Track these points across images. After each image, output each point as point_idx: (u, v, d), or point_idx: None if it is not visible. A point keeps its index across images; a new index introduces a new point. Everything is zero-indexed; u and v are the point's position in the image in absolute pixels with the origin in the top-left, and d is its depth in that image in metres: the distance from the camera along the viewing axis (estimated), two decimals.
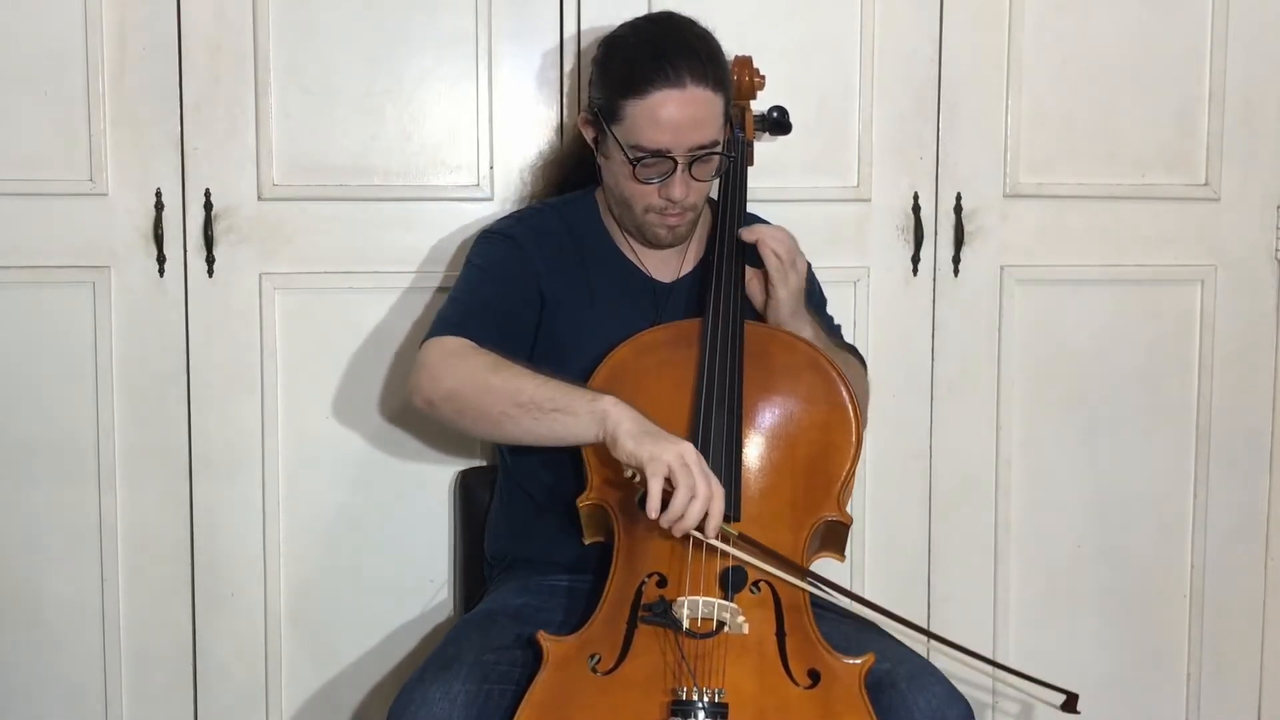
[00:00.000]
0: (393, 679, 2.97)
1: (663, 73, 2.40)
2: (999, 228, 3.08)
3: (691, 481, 2.14)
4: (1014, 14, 3.04)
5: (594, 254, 2.60)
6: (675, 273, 2.62)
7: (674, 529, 2.16)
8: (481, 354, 2.39)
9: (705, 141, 2.44)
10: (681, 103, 2.40)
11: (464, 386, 2.37)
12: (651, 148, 2.42)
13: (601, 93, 2.49)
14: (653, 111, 2.40)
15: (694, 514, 2.14)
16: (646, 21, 2.59)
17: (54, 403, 2.88)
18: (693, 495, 2.14)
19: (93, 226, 2.84)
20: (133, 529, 2.92)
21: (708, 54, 2.46)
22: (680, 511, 2.14)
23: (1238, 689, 3.29)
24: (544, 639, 2.19)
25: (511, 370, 2.34)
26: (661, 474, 2.14)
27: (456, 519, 2.94)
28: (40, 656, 2.92)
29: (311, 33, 2.87)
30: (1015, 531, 3.16)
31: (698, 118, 2.42)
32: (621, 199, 2.53)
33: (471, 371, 2.37)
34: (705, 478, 2.16)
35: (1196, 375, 3.19)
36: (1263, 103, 3.15)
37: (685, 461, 2.15)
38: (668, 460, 2.15)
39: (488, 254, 2.59)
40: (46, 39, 2.80)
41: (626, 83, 2.43)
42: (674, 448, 2.17)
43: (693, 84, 2.40)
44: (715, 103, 2.44)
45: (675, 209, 2.49)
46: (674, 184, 2.45)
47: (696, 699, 2.08)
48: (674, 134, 2.41)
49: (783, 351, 2.45)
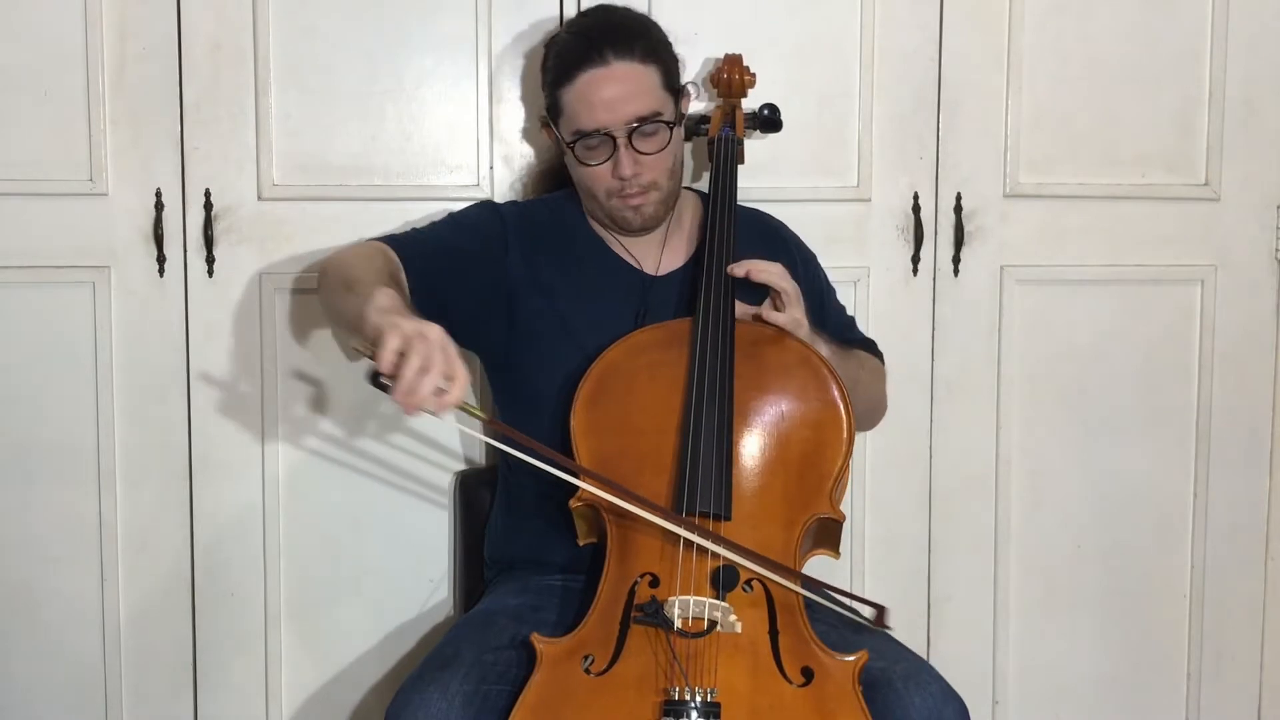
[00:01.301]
0: (392, 679, 2.97)
1: (586, 54, 2.47)
2: (999, 228, 3.07)
3: (426, 352, 2.05)
4: (1014, 14, 3.04)
5: (578, 245, 2.62)
6: (660, 265, 2.63)
7: (406, 404, 2.05)
8: (375, 251, 2.46)
9: (643, 113, 2.47)
10: (608, 79, 2.46)
11: (333, 264, 2.46)
12: (588, 128, 2.47)
13: (545, 93, 2.57)
14: (582, 93, 2.47)
15: (426, 385, 2.04)
16: (579, 15, 2.71)
17: (54, 403, 2.88)
18: (425, 368, 2.05)
19: (93, 226, 2.85)
20: (133, 529, 2.92)
21: (635, 28, 2.53)
22: (411, 378, 2.03)
23: (1238, 689, 3.28)
24: (537, 640, 2.20)
25: (370, 261, 2.40)
26: (395, 342, 2.05)
27: (456, 519, 2.95)
28: (40, 656, 2.93)
29: (311, 33, 2.87)
30: (1015, 531, 3.16)
31: (627, 91, 2.46)
32: (585, 191, 2.57)
33: (349, 256, 2.45)
34: (444, 354, 2.06)
35: (1196, 375, 3.19)
36: (1263, 103, 3.14)
37: (425, 335, 2.06)
38: (406, 331, 2.06)
39: (467, 211, 2.68)
40: (46, 39, 2.81)
41: (559, 74, 2.51)
42: (418, 324, 2.09)
43: (616, 59, 2.46)
44: (646, 74, 2.49)
45: (632, 187, 2.51)
46: (621, 161, 2.48)
47: (689, 699, 2.09)
48: (606, 111, 2.46)
49: (774, 349, 2.45)
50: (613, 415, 2.38)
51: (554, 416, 2.46)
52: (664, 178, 2.55)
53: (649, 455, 2.34)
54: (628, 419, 2.38)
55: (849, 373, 2.53)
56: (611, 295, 2.59)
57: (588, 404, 2.39)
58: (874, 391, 2.71)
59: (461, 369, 2.09)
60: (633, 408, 2.38)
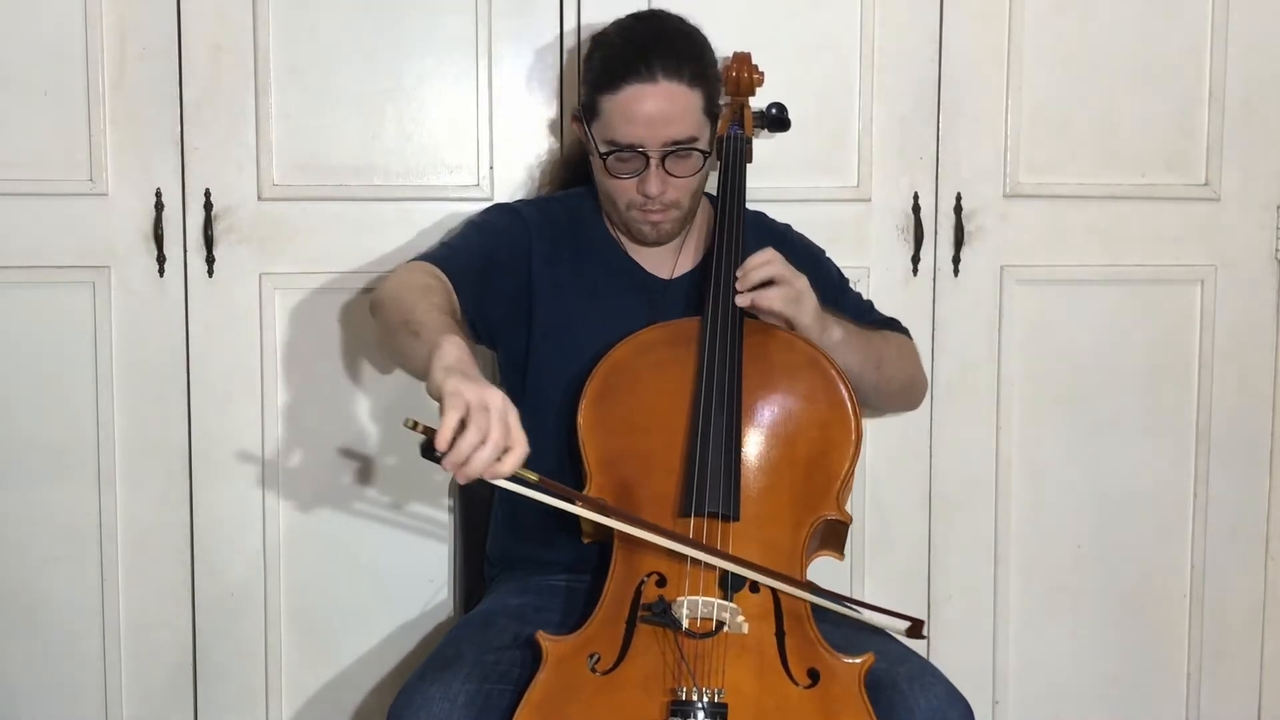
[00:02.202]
0: (393, 679, 2.97)
1: (635, 67, 2.41)
2: (999, 228, 3.08)
3: (486, 425, 2.00)
4: (1014, 14, 3.04)
5: (593, 247, 2.61)
6: (674, 270, 2.62)
7: (458, 474, 2.02)
8: (428, 276, 2.41)
9: (680, 137, 2.44)
10: (653, 97, 2.41)
11: (389, 297, 2.39)
12: (624, 142, 2.44)
13: (584, 89, 2.53)
14: (624, 106, 2.42)
15: (480, 460, 2.00)
16: (631, 19, 2.60)
17: (54, 403, 2.88)
18: (483, 441, 2.01)
19: (93, 226, 2.84)
20: (133, 529, 2.92)
21: (687, 49, 2.47)
22: (466, 453, 2.00)
23: (1238, 689, 3.29)
24: (543, 639, 2.19)
25: (429, 294, 2.34)
26: (458, 410, 2.00)
27: (456, 519, 2.94)
28: (40, 656, 2.92)
29: (311, 33, 2.87)
30: (1015, 531, 3.16)
31: (670, 113, 2.42)
32: (605, 195, 2.55)
33: (404, 284, 2.39)
34: (503, 426, 2.02)
35: (1196, 375, 3.19)
36: (1263, 103, 3.15)
37: (487, 406, 2.01)
38: (469, 399, 2.01)
39: (488, 216, 2.64)
40: (46, 39, 2.80)
41: (602, 79, 2.46)
42: (481, 390, 2.03)
43: (665, 78, 2.41)
44: (690, 98, 2.44)
45: (655, 205, 2.49)
46: (649, 179, 2.46)
47: (696, 699, 2.08)
48: (646, 128, 2.42)
49: (782, 350, 2.45)
50: (620, 413, 2.38)
51: (560, 414, 2.46)
52: (687, 198, 2.53)
53: (656, 454, 2.34)
54: (635, 417, 2.38)
55: (871, 358, 2.53)
56: (622, 297, 2.58)
57: (595, 401, 2.39)
58: (906, 367, 2.70)
59: (520, 439, 2.05)
60: (640, 406, 2.38)
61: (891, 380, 2.58)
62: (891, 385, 2.54)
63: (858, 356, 2.51)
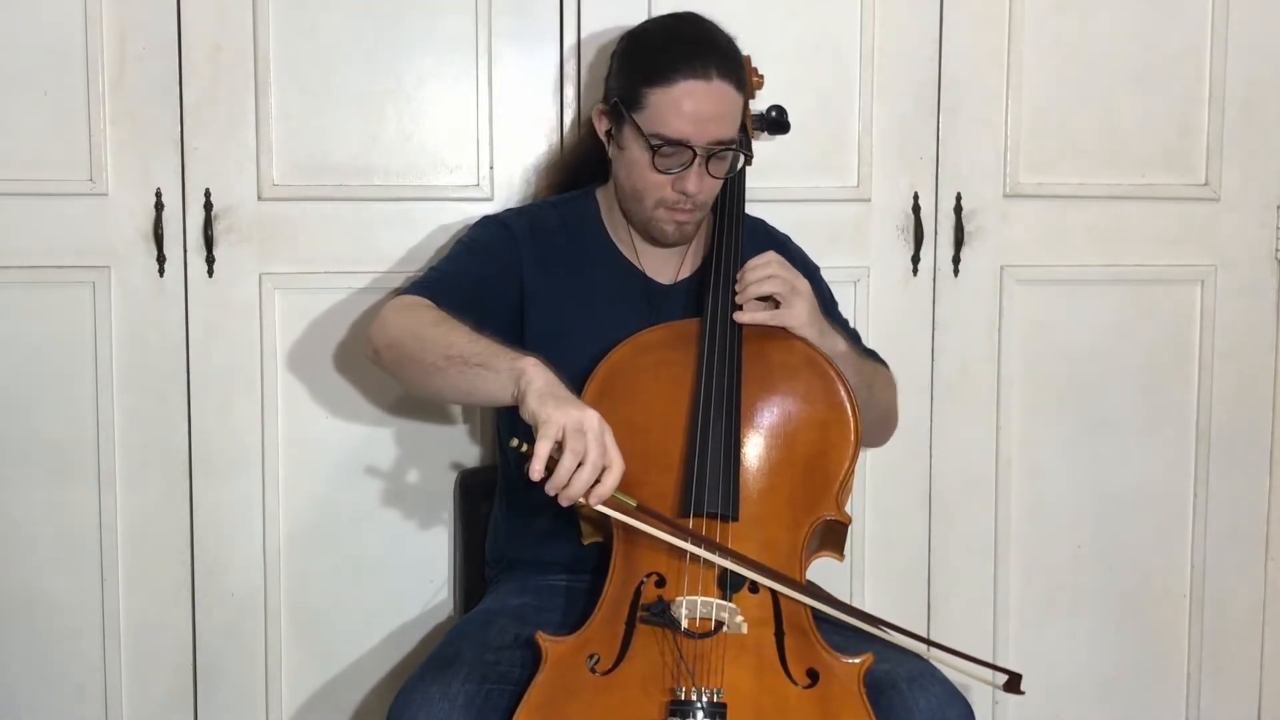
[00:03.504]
0: (393, 679, 2.97)
1: (690, 63, 2.41)
2: (999, 228, 3.08)
3: (582, 448, 2.07)
4: (1014, 14, 3.04)
5: (591, 252, 2.61)
6: (674, 275, 2.62)
7: (560, 497, 2.09)
8: (432, 310, 2.40)
9: (725, 137, 2.44)
10: (707, 94, 2.41)
11: (404, 336, 2.37)
12: (674, 137, 2.42)
13: (623, 81, 2.50)
14: (678, 100, 2.41)
15: (580, 482, 2.08)
16: (673, 18, 2.60)
17: (54, 403, 2.87)
18: (580, 462, 2.08)
19: (93, 226, 2.84)
20: (133, 529, 2.92)
21: (732, 52, 2.49)
22: (565, 478, 2.07)
23: (1238, 689, 3.29)
24: (542, 639, 2.19)
25: (451, 325, 2.34)
26: (552, 435, 2.07)
27: (456, 519, 2.94)
28: (40, 656, 2.92)
29: (311, 33, 2.87)
30: (1015, 531, 3.17)
31: (720, 112, 2.43)
32: (634, 191, 2.53)
33: (415, 323, 2.38)
34: (600, 446, 2.10)
35: (1196, 375, 3.20)
36: (1263, 103, 3.15)
37: (582, 428, 2.09)
38: (563, 423, 2.08)
39: (476, 234, 2.62)
40: (46, 39, 2.80)
41: (653, 71, 2.44)
42: (576, 412, 2.10)
43: (719, 78, 2.42)
44: (736, 101, 2.45)
45: (687, 204, 2.49)
46: (689, 176, 2.45)
47: (695, 699, 2.08)
48: (697, 125, 2.42)
49: (780, 351, 2.45)
50: (619, 413, 2.36)
51: None
52: (711, 200, 2.54)
53: (655, 454, 2.34)
54: (634, 418, 2.37)
55: (863, 378, 2.53)
56: (621, 302, 2.58)
57: (594, 402, 2.35)
58: (889, 397, 2.69)
59: (616, 458, 2.11)
60: (639, 407, 2.37)
61: (876, 407, 2.57)
62: (874, 413, 2.55)
63: (853, 373, 2.50)
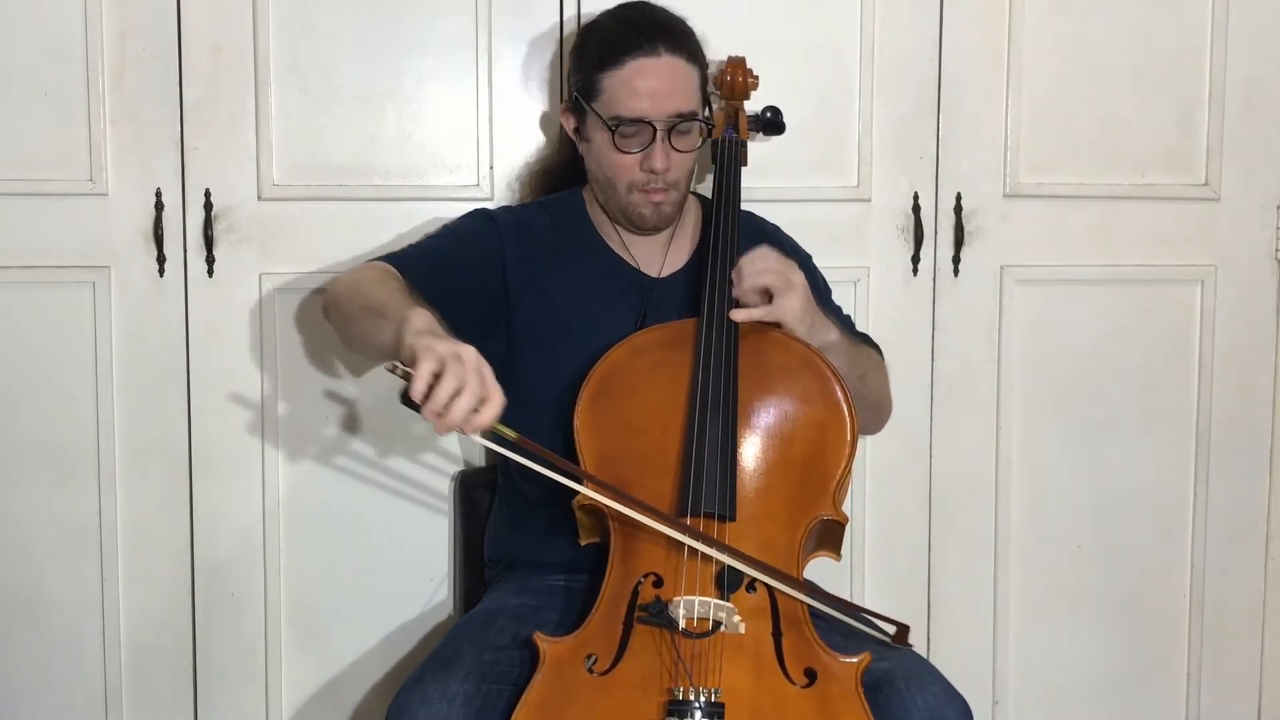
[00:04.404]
0: (392, 679, 2.97)
1: (637, 42, 2.49)
2: (999, 228, 3.08)
3: (461, 374, 2.06)
4: (1014, 14, 3.04)
5: (580, 249, 2.62)
6: (663, 268, 2.63)
7: (438, 425, 2.06)
8: (383, 273, 2.45)
9: (683, 109, 2.50)
10: (657, 70, 2.48)
11: (344, 289, 2.45)
12: (631, 115, 2.48)
13: (579, 73, 2.57)
14: (630, 80, 2.48)
15: (459, 408, 2.05)
16: (620, 7, 2.67)
17: (54, 403, 2.88)
18: (460, 390, 2.06)
19: (93, 226, 2.84)
20: (133, 529, 2.92)
21: (680, 28, 2.57)
22: (444, 399, 2.04)
23: (1238, 689, 3.29)
24: (540, 640, 2.19)
25: (389, 287, 2.38)
26: (433, 359, 2.06)
27: (456, 519, 2.94)
28: (40, 656, 2.92)
29: (311, 33, 2.87)
30: (1015, 531, 3.16)
31: (674, 86, 2.49)
32: (606, 180, 2.56)
33: (359, 279, 2.44)
34: (479, 376, 2.08)
35: (1196, 375, 3.19)
36: (1263, 103, 3.15)
37: (461, 358, 2.07)
38: (442, 352, 2.07)
39: (462, 221, 2.67)
40: (46, 39, 2.80)
41: (604, 57, 2.52)
42: (453, 345, 2.10)
43: (667, 52, 2.49)
44: (690, 73, 2.53)
45: (658, 183, 2.52)
46: (655, 153, 2.49)
47: (693, 699, 2.08)
48: (652, 100, 2.48)
49: (777, 351, 2.45)
50: (616, 415, 2.38)
51: (556, 417, 2.46)
52: (684, 179, 2.58)
53: (652, 455, 2.34)
54: (631, 419, 2.38)
55: (856, 367, 2.53)
56: (612, 296, 2.59)
57: (591, 404, 2.39)
58: (882, 384, 2.69)
59: (496, 391, 2.10)
60: (636, 408, 2.38)
61: (868, 395, 2.58)
62: (868, 400, 2.55)
63: (845, 363, 2.51)
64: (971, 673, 3.08)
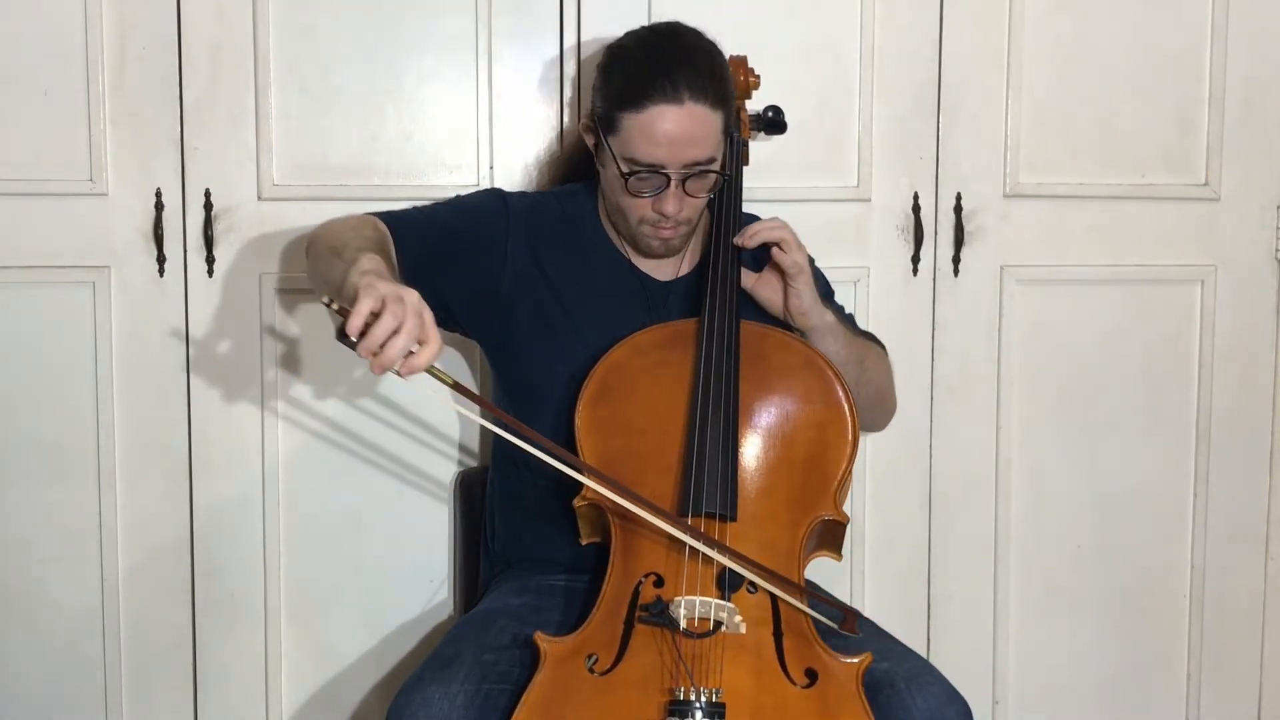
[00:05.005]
0: (392, 679, 2.97)
1: (660, 87, 2.37)
2: (999, 228, 3.08)
3: (401, 314, 2.01)
4: (1014, 14, 3.04)
5: (590, 247, 2.61)
6: (673, 272, 2.62)
7: (373, 364, 2.01)
8: (365, 223, 2.44)
9: (701, 158, 2.41)
10: (678, 119, 2.37)
11: (322, 231, 2.44)
12: (645, 162, 2.40)
13: (601, 102, 2.47)
14: (648, 126, 2.38)
15: (395, 347, 2.00)
16: (650, 32, 2.56)
17: (54, 403, 2.87)
18: (397, 330, 2.01)
19: (93, 226, 2.84)
20: (133, 529, 2.92)
21: (710, 69, 2.43)
22: (381, 337, 2.00)
23: (1238, 689, 3.29)
24: (541, 639, 2.19)
25: (360, 231, 2.38)
26: (373, 297, 2.02)
27: (456, 519, 2.94)
28: (40, 656, 2.92)
29: (311, 33, 2.87)
30: (1015, 531, 3.16)
31: (694, 135, 2.39)
32: (616, 208, 2.53)
33: (340, 226, 2.43)
34: (418, 318, 2.03)
35: (1196, 375, 3.19)
36: (1263, 103, 3.15)
37: (403, 299, 2.03)
38: (384, 292, 2.03)
39: (473, 196, 2.67)
40: (46, 39, 2.80)
41: (624, 95, 2.41)
42: (396, 287, 2.06)
43: (691, 100, 2.37)
44: (713, 120, 2.41)
45: (668, 223, 2.47)
46: (666, 199, 2.43)
47: (694, 699, 2.08)
48: (669, 149, 2.38)
49: (779, 351, 2.45)
50: (617, 414, 2.38)
51: (556, 413, 2.45)
52: (697, 215, 2.52)
53: (653, 455, 2.34)
54: (632, 418, 2.38)
55: (853, 353, 2.54)
56: (619, 295, 2.58)
57: (592, 402, 2.39)
58: (883, 376, 2.68)
59: (435, 335, 2.06)
60: (637, 407, 2.38)
61: (869, 384, 2.57)
62: (869, 390, 2.54)
63: (843, 346, 2.51)
64: (971, 673, 3.08)
